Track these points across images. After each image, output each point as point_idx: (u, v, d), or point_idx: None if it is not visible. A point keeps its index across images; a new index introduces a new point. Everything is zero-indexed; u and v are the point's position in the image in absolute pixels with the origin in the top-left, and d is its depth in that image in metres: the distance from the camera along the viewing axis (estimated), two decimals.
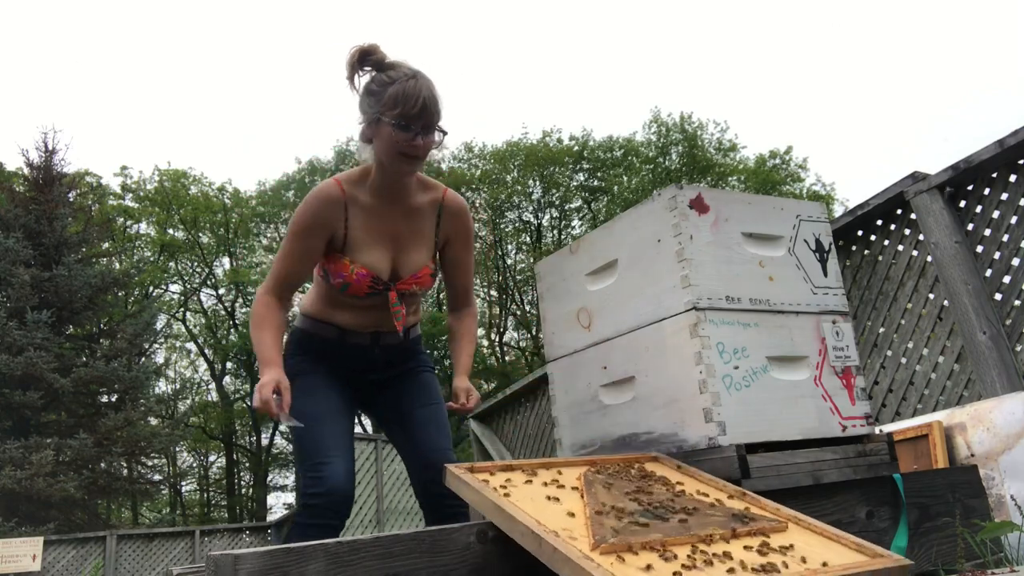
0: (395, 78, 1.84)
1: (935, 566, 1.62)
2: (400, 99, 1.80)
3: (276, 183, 25.61)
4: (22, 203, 14.75)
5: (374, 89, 1.86)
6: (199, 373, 26.22)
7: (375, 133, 1.87)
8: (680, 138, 25.54)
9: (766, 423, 1.58)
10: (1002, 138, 3.07)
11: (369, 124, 1.88)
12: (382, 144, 1.85)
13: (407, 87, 1.81)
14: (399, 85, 1.81)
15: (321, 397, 1.90)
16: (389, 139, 1.82)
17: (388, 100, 1.81)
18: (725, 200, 1.69)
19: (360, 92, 1.90)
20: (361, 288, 1.88)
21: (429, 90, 1.84)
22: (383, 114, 1.82)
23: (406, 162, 1.85)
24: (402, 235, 1.93)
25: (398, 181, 1.92)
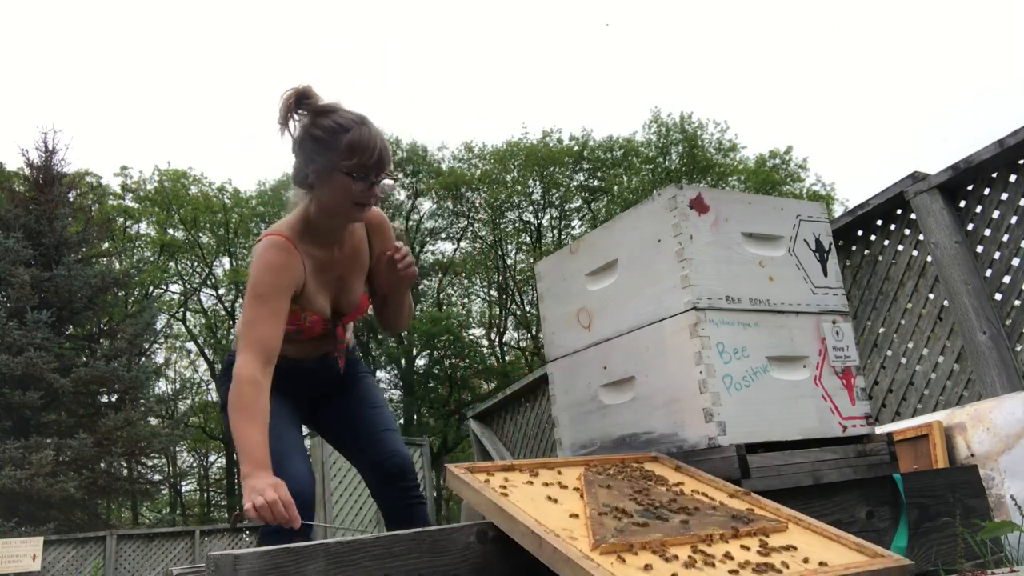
0: (344, 124, 1.77)
1: (935, 566, 1.62)
2: (357, 148, 1.74)
3: (276, 183, 25.60)
4: (22, 203, 14.75)
5: (320, 136, 1.78)
6: (199, 373, 26.24)
7: (325, 181, 1.79)
8: (680, 138, 25.54)
9: (766, 423, 1.58)
10: (1002, 138, 3.07)
11: (319, 172, 1.79)
12: (335, 193, 1.79)
13: (362, 135, 1.76)
14: (353, 133, 1.76)
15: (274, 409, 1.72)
16: (344, 188, 1.77)
17: (344, 150, 1.75)
18: (725, 200, 1.69)
19: (299, 136, 1.81)
20: (315, 331, 1.89)
21: (381, 137, 1.80)
22: (337, 164, 1.75)
23: (359, 211, 1.82)
24: (344, 276, 1.92)
25: (343, 227, 1.89)
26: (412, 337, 23.48)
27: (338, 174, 1.76)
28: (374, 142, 1.76)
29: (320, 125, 1.78)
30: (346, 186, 1.76)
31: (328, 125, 1.77)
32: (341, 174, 1.75)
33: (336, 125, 1.77)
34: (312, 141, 1.78)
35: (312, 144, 1.79)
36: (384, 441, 1.95)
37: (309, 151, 1.79)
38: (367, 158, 1.74)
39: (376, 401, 2.06)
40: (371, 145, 1.75)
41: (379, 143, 1.78)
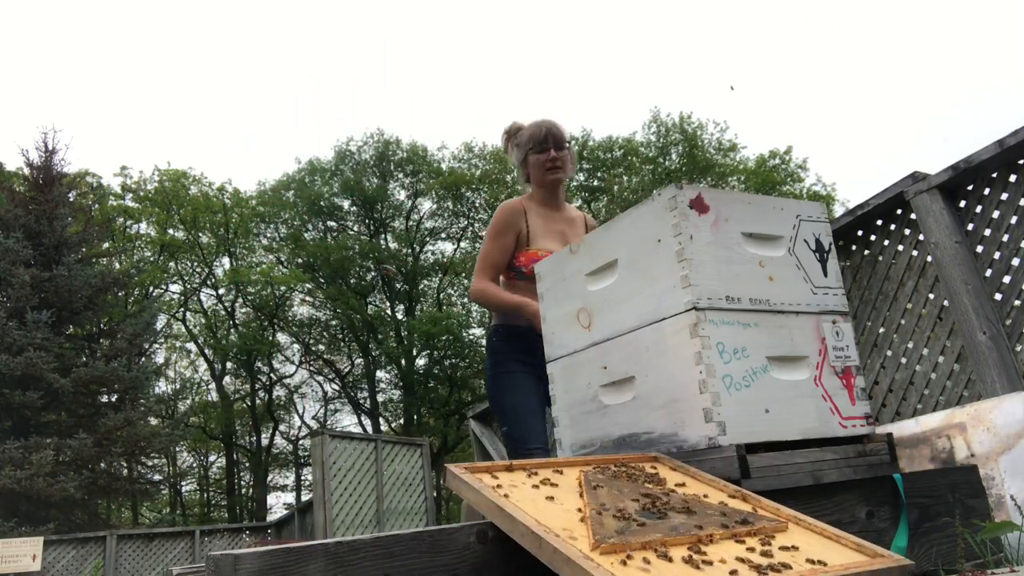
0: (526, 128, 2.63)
1: (935, 566, 1.62)
2: (533, 134, 2.57)
3: (276, 183, 25.60)
4: (22, 203, 14.75)
5: (517, 142, 2.65)
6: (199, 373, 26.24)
7: (527, 167, 2.61)
8: (680, 138, 25.54)
9: (766, 423, 1.57)
10: (1002, 138, 3.07)
11: (522, 164, 2.63)
12: (534, 170, 2.58)
13: (535, 125, 2.60)
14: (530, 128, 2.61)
15: (526, 392, 2.39)
16: (535, 163, 2.57)
17: (526, 139, 2.60)
18: (725, 200, 1.69)
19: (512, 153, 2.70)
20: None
21: (551, 121, 2.59)
22: (526, 150, 2.59)
23: (552, 172, 2.55)
24: (566, 233, 2.57)
25: (554, 192, 2.60)
26: (412, 337, 23.48)
27: (530, 155, 2.59)
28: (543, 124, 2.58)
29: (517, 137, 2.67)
30: (536, 160, 2.57)
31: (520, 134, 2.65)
32: (531, 154, 2.58)
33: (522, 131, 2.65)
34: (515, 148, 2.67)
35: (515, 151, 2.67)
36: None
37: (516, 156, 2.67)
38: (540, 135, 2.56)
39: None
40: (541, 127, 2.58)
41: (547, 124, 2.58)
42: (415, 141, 25.80)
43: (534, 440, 2.32)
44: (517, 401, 2.39)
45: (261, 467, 24.73)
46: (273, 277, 23.87)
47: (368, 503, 8.94)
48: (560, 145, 2.56)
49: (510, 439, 2.41)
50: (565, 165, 2.58)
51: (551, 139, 2.54)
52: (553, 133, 2.56)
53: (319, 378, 26.37)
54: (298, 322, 25.54)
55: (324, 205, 25.44)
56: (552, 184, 2.58)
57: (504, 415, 2.44)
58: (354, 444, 9.08)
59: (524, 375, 2.41)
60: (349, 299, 23.80)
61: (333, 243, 24.67)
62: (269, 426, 25.63)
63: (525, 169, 2.63)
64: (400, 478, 9.42)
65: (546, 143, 2.54)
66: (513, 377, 2.43)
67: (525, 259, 2.47)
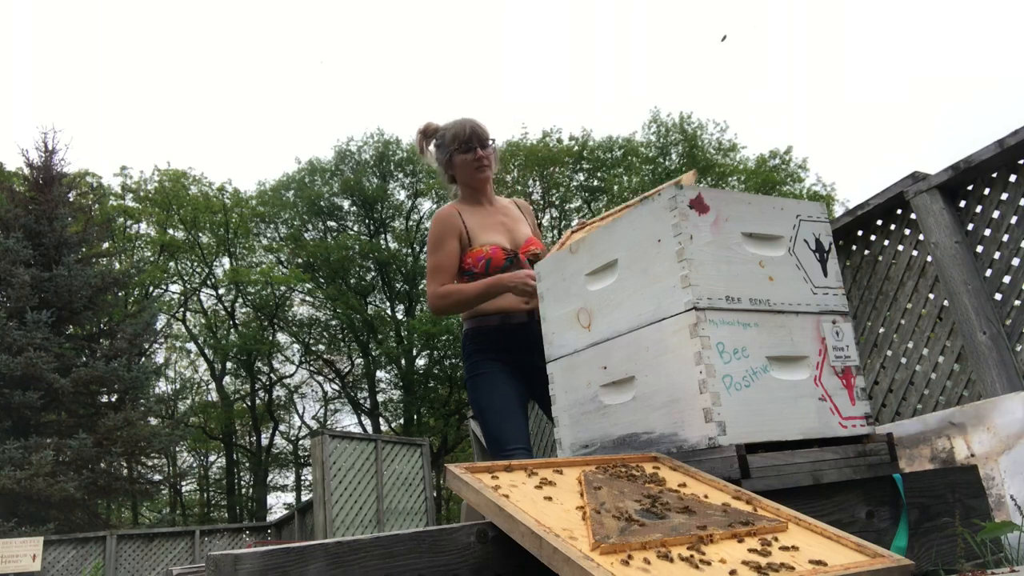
0: (447, 128, 2.57)
1: (935, 566, 1.62)
2: (457, 134, 2.52)
3: (276, 183, 25.60)
4: (22, 203, 14.75)
5: (438, 143, 2.59)
6: (199, 373, 26.24)
7: (452, 168, 2.56)
8: (680, 138, 25.54)
9: (766, 423, 1.57)
10: (1002, 138, 3.07)
11: (446, 164, 2.57)
12: (460, 170, 2.54)
13: (456, 124, 2.54)
14: (452, 127, 2.55)
15: (502, 392, 2.35)
16: (462, 163, 2.52)
17: (449, 139, 2.54)
18: (725, 200, 1.69)
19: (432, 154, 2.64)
20: (498, 257, 2.41)
21: (473, 120, 2.54)
22: (450, 150, 2.53)
23: (479, 171, 2.52)
24: (506, 222, 2.55)
25: (482, 190, 2.56)
26: (412, 337, 23.48)
27: (455, 156, 2.53)
28: (464, 123, 2.53)
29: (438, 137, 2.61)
30: (461, 160, 2.52)
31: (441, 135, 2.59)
32: (456, 154, 2.53)
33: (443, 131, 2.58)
34: (436, 149, 2.62)
35: (436, 151, 2.62)
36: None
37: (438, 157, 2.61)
38: (463, 136, 2.51)
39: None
40: (463, 126, 2.53)
41: (469, 123, 2.53)
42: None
43: (514, 440, 2.27)
44: (493, 402, 2.34)
45: (261, 467, 24.73)
46: (273, 277, 23.87)
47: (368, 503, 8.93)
48: (484, 143, 2.53)
49: (489, 440, 2.35)
50: (492, 162, 2.55)
51: (475, 138, 2.51)
52: (477, 132, 2.52)
53: (319, 378, 26.38)
54: (298, 322, 25.54)
55: (324, 205, 25.44)
56: (481, 182, 2.55)
57: (481, 417, 2.38)
58: (354, 444, 9.08)
59: (500, 374, 2.36)
60: (349, 299, 23.80)
61: (333, 243, 24.68)
62: (269, 426, 25.63)
63: (449, 170, 2.58)
64: (400, 478, 9.42)
65: (471, 142, 2.50)
66: (488, 378, 2.37)
67: (472, 259, 2.42)
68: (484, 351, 2.41)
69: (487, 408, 2.35)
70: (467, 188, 2.57)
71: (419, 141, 2.65)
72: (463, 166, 2.52)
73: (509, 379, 2.35)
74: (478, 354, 2.42)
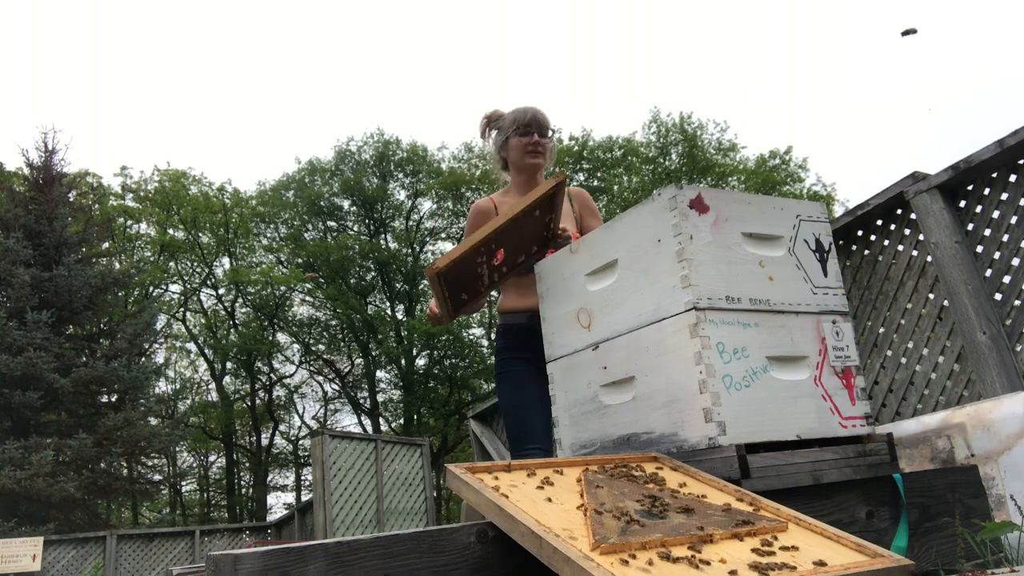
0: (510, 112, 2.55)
1: (935, 566, 1.62)
2: (517, 117, 2.51)
3: (276, 183, 25.59)
4: (22, 203, 14.74)
5: (498, 126, 2.57)
6: (199, 373, 26.23)
7: (507, 151, 2.53)
8: (680, 138, 25.53)
9: (766, 423, 1.57)
10: (1002, 138, 3.07)
11: (501, 147, 2.55)
12: (513, 152, 2.51)
13: (519, 109, 2.53)
14: (514, 112, 2.54)
15: (525, 391, 2.35)
16: (516, 146, 2.50)
17: (509, 121, 2.53)
18: (725, 200, 1.69)
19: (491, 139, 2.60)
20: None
21: (536, 108, 2.53)
22: (508, 132, 2.51)
23: (532, 156, 2.49)
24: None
25: (532, 178, 2.52)
26: (412, 337, 23.48)
27: (511, 138, 2.52)
28: (527, 109, 2.52)
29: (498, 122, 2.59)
30: (517, 143, 2.50)
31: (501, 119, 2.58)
32: (512, 137, 2.51)
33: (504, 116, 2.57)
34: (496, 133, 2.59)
35: (496, 136, 2.58)
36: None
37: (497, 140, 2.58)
38: (523, 119, 2.50)
39: None
40: (525, 111, 2.52)
41: (532, 109, 2.52)
42: (415, 141, 25.80)
43: (532, 440, 2.30)
44: (515, 400, 2.38)
45: (261, 467, 24.73)
46: (273, 277, 23.87)
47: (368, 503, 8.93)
48: (544, 131, 2.51)
49: (510, 438, 2.41)
50: (546, 152, 2.53)
51: (535, 124, 2.49)
52: (538, 118, 2.51)
53: (319, 378, 26.38)
54: (298, 322, 25.54)
55: (324, 205, 25.44)
56: (531, 168, 2.52)
57: (505, 414, 2.44)
58: (354, 444, 9.08)
59: (524, 373, 2.38)
60: (349, 299, 23.80)
61: (333, 243, 24.68)
62: (269, 426, 25.63)
63: (503, 153, 2.56)
64: (400, 478, 9.42)
65: (530, 127, 2.49)
66: (512, 377, 2.41)
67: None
68: (511, 349, 2.44)
69: (509, 406, 2.40)
70: (517, 174, 2.54)
71: (483, 126, 2.62)
72: (517, 148, 2.50)
73: (534, 378, 2.36)
74: (505, 352, 2.45)
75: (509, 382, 2.42)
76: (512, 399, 2.40)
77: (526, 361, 2.40)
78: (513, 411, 2.40)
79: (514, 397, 2.39)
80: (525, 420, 2.35)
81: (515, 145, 2.50)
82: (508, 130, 2.52)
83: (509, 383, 2.41)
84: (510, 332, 2.46)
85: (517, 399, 2.38)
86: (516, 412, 2.38)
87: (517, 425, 2.37)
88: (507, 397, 2.42)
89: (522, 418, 2.36)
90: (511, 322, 2.46)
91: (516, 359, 2.42)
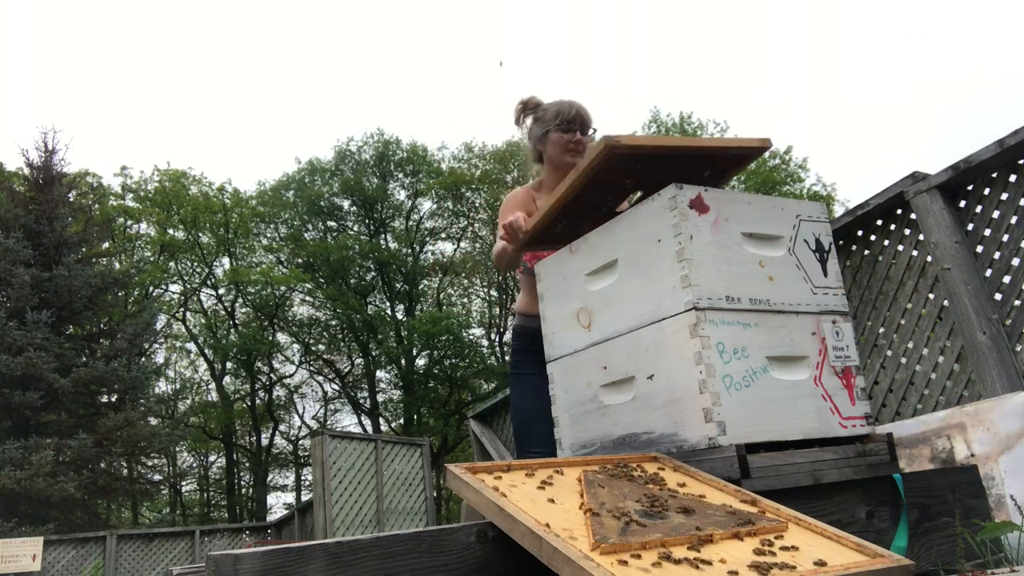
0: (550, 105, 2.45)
1: (935, 566, 1.62)
2: (560, 111, 2.40)
3: (276, 183, 25.59)
4: (22, 203, 14.74)
5: (539, 116, 2.46)
6: (199, 373, 26.22)
7: (544, 144, 2.44)
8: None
9: (766, 423, 1.57)
10: (1002, 138, 3.07)
11: (539, 139, 2.45)
12: (552, 148, 2.42)
13: (563, 103, 2.43)
14: (557, 104, 2.43)
15: (534, 394, 2.32)
16: (557, 141, 2.40)
17: (551, 114, 2.41)
18: (725, 200, 1.69)
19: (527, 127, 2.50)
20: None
21: (580, 103, 2.43)
22: (549, 126, 2.41)
23: (570, 155, 2.39)
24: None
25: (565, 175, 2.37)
26: (412, 337, 23.48)
27: (551, 132, 2.41)
28: (572, 104, 2.42)
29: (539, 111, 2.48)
30: (558, 139, 2.41)
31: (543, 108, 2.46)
32: (553, 131, 2.41)
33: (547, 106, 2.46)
34: (534, 122, 2.48)
35: (534, 125, 2.48)
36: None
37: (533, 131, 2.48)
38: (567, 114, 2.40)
39: None
40: (570, 106, 2.41)
41: (577, 105, 2.42)
42: (415, 141, 25.80)
43: (536, 443, 2.33)
44: (522, 403, 2.42)
45: (261, 467, 24.73)
46: (273, 277, 23.87)
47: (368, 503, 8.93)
48: (585, 130, 2.43)
49: (516, 439, 2.46)
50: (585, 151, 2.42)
51: (579, 120, 2.40)
52: (582, 115, 2.42)
53: (319, 378, 26.38)
54: (298, 322, 25.54)
55: (324, 205, 25.44)
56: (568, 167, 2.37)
57: (512, 416, 2.48)
58: (354, 444, 9.08)
59: (534, 376, 2.39)
60: (349, 299, 23.80)
61: (333, 243, 24.67)
62: (269, 426, 25.62)
63: (541, 146, 2.47)
64: (400, 478, 9.42)
65: (573, 123, 2.39)
66: (522, 379, 2.44)
67: (529, 255, 2.39)
68: (523, 351, 2.47)
69: (517, 409, 2.44)
70: (552, 171, 2.46)
71: (518, 111, 2.52)
72: (557, 144, 2.41)
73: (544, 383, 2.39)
74: (517, 354, 2.49)
75: (520, 384, 2.46)
76: (520, 401, 2.44)
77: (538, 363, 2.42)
78: (520, 413, 2.44)
79: (523, 400, 2.43)
80: (531, 424, 2.39)
81: (555, 140, 2.41)
82: (550, 123, 2.42)
83: (520, 385, 2.46)
84: (525, 334, 2.48)
85: (525, 402, 2.42)
86: (523, 415, 2.42)
87: (522, 428, 2.42)
88: (516, 399, 2.47)
89: (529, 422, 2.40)
90: (526, 324, 2.48)
91: (528, 360, 2.44)
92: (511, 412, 2.51)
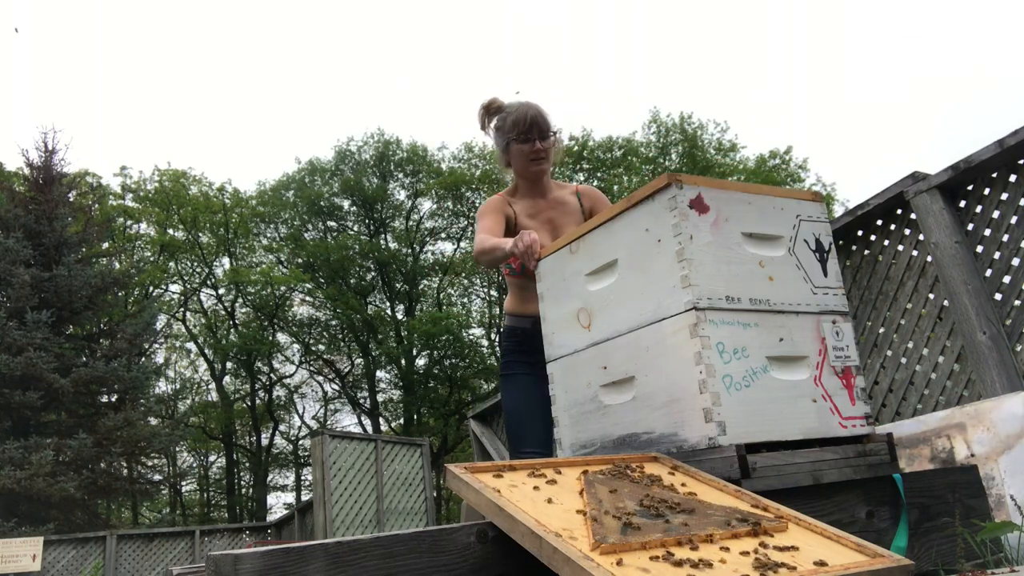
0: (509, 111, 2.44)
1: (935, 566, 1.62)
2: (517, 121, 2.40)
3: (276, 183, 25.59)
4: (22, 203, 14.74)
5: (498, 126, 2.47)
6: (199, 373, 26.23)
7: (508, 156, 2.46)
8: (680, 138, 25.52)
9: (766, 423, 1.57)
10: (1002, 138, 3.07)
11: (503, 152, 2.47)
12: (515, 160, 2.44)
13: (519, 111, 2.41)
14: (514, 112, 2.42)
15: (526, 395, 2.36)
16: (518, 153, 2.42)
17: (508, 125, 2.42)
18: (725, 200, 1.69)
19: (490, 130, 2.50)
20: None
21: (536, 108, 2.42)
22: (508, 137, 2.42)
23: (535, 164, 2.42)
24: (554, 218, 2.47)
25: (536, 182, 2.48)
26: (412, 337, 23.47)
27: (512, 144, 2.43)
28: (527, 112, 2.40)
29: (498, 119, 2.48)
30: (519, 150, 2.42)
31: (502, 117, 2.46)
32: (513, 143, 2.42)
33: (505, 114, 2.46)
34: (495, 132, 2.49)
35: (496, 135, 2.49)
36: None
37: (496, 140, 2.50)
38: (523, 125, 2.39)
39: None
40: (524, 115, 2.40)
41: (531, 112, 2.40)
42: (415, 141, 25.81)
43: (530, 443, 2.33)
44: (515, 404, 2.42)
45: (261, 467, 24.73)
46: (273, 277, 23.87)
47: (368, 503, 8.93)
48: (545, 135, 2.42)
49: (509, 439, 2.45)
50: (549, 155, 2.45)
51: (536, 129, 2.39)
52: (538, 122, 2.40)
53: (319, 378, 26.38)
54: (298, 322, 25.54)
55: (324, 205, 25.44)
56: (535, 175, 2.46)
57: (505, 416, 2.47)
58: (354, 444, 9.08)
59: (526, 376, 2.40)
60: (349, 299, 23.80)
61: (333, 243, 24.67)
62: (269, 426, 25.62)
63: (506, 155, 2.49)
64: (400, 478, 9.42)
65: (531, 132, 2.39)
66: (514, 380, 2.44)
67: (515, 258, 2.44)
68: (515, 352, 2.46)
69: (510, 410, 2.43)
70: (521, 179, 2.49)
71: (481, 117, 2.53)
72: (519, 156, 2.42)
73: (536, 382, 2.37)
74: (509, 354, 2.48)
75: (512, 384, 2.45)
76: (513, 402, 2.44)
77: (529, 364, 2.42)
78: (513, 414, 2.43)
79: (515, 401, 2.43)
80: (524, 424, 2.38)
81: (516, 152, 2.43)
82: (508, 134, 2.44)
83: (512, 386, 2.45)
84: (515, 335, 2.48)
85: (518, 403, 2.42)
86: (516, 415, 2.42)
87: (517, 428, 2.41)
88: (509, 400, 2.46)
89: (521, 422, 2.39)
90: (516, 325, 2.48)
91: (520, 361, 2.45)
92: (504, 413, 2.49)
